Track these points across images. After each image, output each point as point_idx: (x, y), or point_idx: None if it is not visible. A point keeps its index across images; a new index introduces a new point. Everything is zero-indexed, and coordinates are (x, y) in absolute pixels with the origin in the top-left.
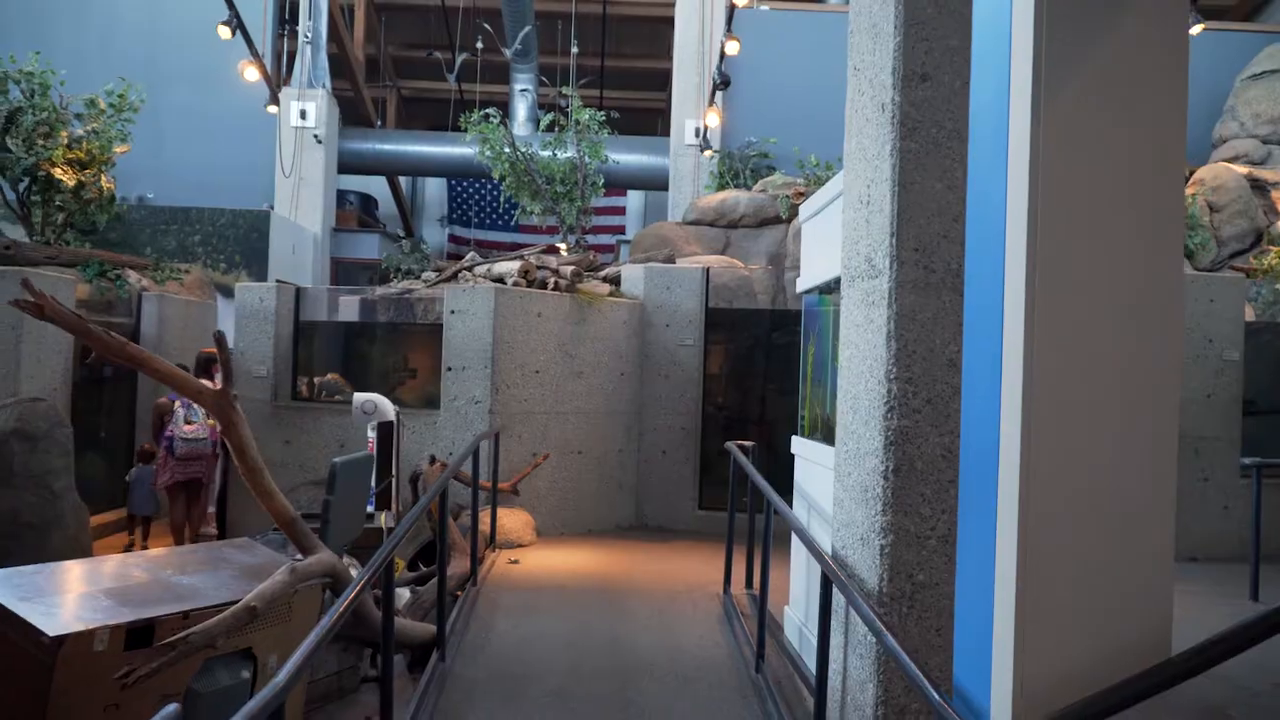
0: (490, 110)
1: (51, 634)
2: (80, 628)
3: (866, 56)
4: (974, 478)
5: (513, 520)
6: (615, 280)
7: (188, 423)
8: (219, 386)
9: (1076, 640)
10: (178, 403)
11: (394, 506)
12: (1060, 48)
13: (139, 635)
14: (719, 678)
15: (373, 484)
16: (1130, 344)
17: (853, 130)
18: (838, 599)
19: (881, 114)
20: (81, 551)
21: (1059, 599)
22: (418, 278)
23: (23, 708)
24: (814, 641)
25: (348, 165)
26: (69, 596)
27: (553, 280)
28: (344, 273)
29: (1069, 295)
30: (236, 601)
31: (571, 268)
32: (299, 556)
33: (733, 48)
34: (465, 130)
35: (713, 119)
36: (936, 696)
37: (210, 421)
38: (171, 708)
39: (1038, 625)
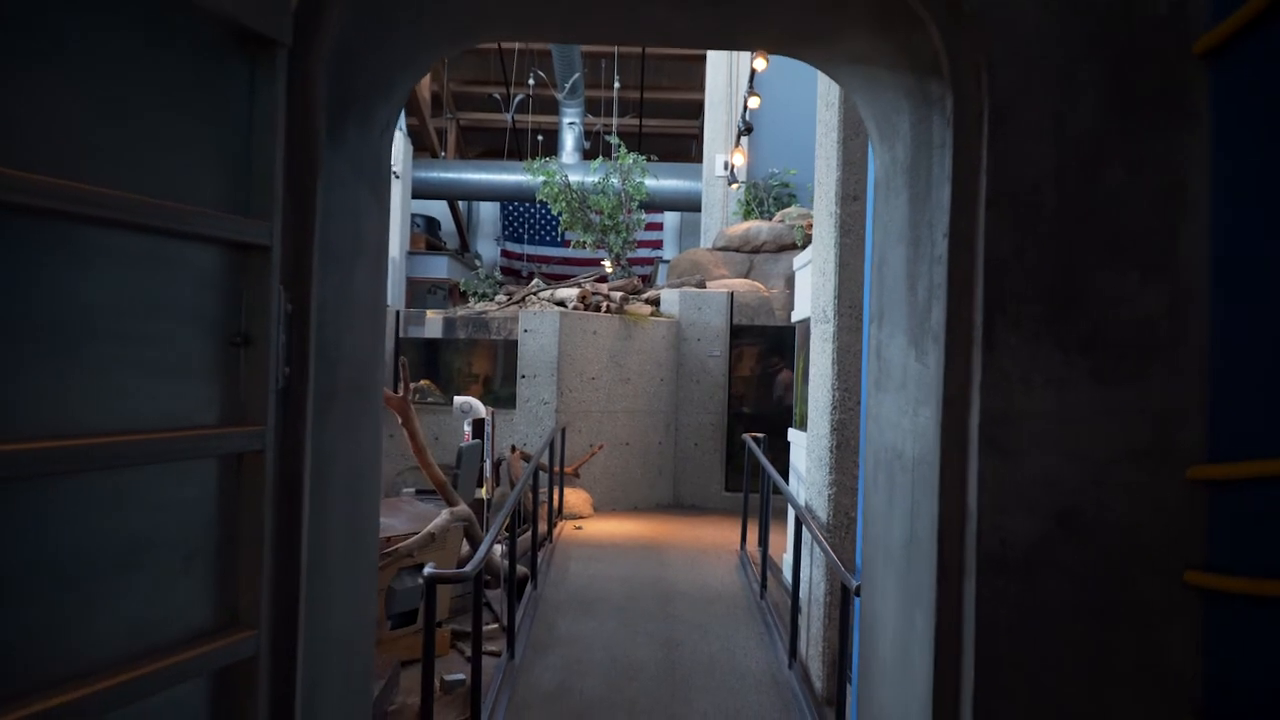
0: (550, 159)
1: None
2: None
3: (824, 177)
4: (861, 447)
5: (575, 497)
6: (655, 302)
7: None
8: (401, 394)
9: None
10: None
11: (484, 483)
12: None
13: None
14: (733, 601)
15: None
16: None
17: (817, 221)
18: (806, 535)
19: (830, 219)
20: None
21: None
22: (491, 300)
23: None
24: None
25: (416, 191)
26: None
27: (605, 304)
28: (416, 291)
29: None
30: (416, 532)
31: (620, 293)
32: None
33: (754, 102)
34: (528, 171)
35: (738, 159)
36: (841, 568)
37: None
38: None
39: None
